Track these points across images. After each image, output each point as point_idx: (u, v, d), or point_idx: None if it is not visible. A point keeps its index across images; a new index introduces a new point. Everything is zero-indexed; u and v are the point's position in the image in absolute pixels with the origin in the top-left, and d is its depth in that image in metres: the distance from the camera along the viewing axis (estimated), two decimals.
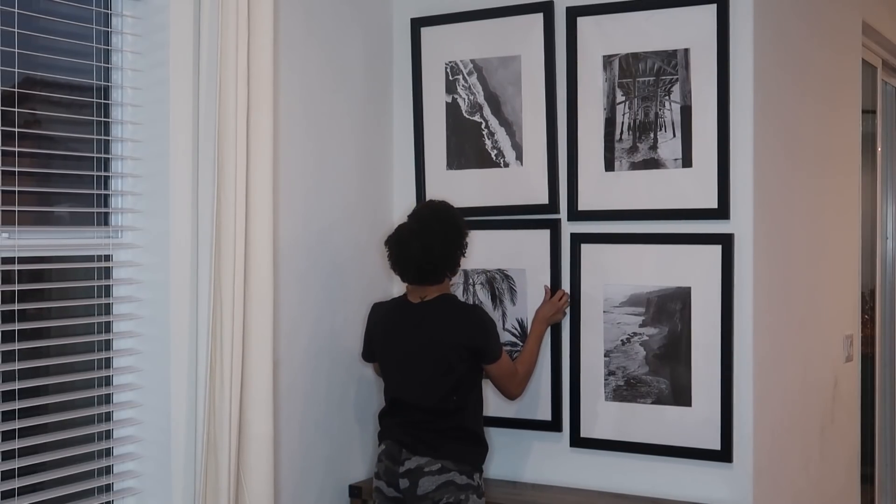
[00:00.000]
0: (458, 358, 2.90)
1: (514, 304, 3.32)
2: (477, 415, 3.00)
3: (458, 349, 2.90)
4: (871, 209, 4.58)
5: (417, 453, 2.87)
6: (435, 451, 2.87)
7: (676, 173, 3.07)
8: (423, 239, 2.88)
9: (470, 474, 2.89)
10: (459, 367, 2.91)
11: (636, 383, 3.13)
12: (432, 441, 2.88)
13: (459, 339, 2.91)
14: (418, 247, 2.87)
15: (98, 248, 2.66)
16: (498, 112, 3.36)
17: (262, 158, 2.69)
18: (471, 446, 2.94)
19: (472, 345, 2.91)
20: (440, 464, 2.85)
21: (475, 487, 2.89)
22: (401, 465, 2.88)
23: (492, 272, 3.36)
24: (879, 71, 4.53)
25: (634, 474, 3.15)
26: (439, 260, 2.90)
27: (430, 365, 2.92)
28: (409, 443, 2.90)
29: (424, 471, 2.85)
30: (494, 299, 3.35)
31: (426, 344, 2.93)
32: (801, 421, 3.49)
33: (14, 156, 2.44)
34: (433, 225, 2.91)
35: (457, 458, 2.87)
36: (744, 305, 3.00)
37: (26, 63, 2.49)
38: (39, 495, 2.48)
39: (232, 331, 2.60)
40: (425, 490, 2.84)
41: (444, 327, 2.93)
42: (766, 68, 3.08)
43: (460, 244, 2.95)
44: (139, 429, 2.72)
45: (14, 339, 2.43)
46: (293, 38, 3.06)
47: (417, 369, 2.94)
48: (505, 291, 3.34)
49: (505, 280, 3.34)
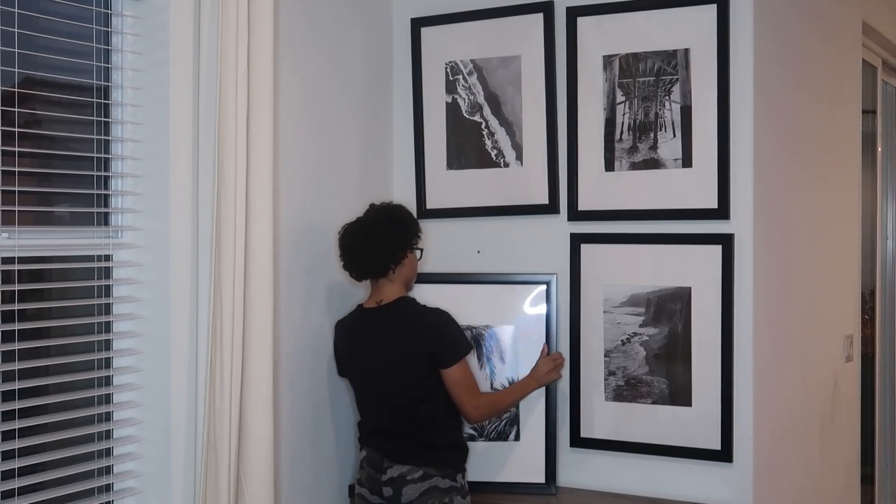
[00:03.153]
0: (421, 368, 2.86)
1: (503, 362, 3.24)
2: (451, 423, 2.94)
3: (418, 358, 2.86)
4: (871, 209, 4.58)
5: (398, 461, 2.86)
6: (416, 458, 2.85)
7: (676, 173, 3.07)
8: (366, 232, 2.89)
9: (452, 476, 2.88)
10: (423, 378, 2.86)
11: (636, 383, 3.13)
12: (412, 449, 2.87)
13: (417, 347, 2.86)
14: (361, 241, 2.89)
15: (98, 248, 2.66)
16: (498, 112, 3.36)
17: (262, 158, 2.69)
18: (450, 452, 2.92)
19: (430, 350, 2.85)
20: (422, 471, 2.84)
21: (458, 488, 2.89)
22: (383, 472, 2.88)
23: (478, 329, 3.25)
24: (879, 71, 4.53)
25: (634, 474, 3.15)
26: (381, 250, 2.88)
27: (394, 382, 2.88)
28: (389, 451, 2.89)
29: (407, 479, 2.84)
30: (480, 358, 3.23)
31: (387, 361, 2.88)
32: (801, 421, 3.49)
33: (14, 156, 2.43)
34: (376, 218, 2.92)
35: (437, 464, 2.86)
36: (744, 305, 3.00)
37: (26, 63, 2.49)
38: (39, 495, 2.48)
39: (232, 331, 2.60)
40: (409, 498, 2.83)
41: (402, 338, 2.88)
42: (766, 68, 3.08)
43: (404, 235, 2.92)
44: (139, 429, 2.72)
45: (14, 339, 2.43)
46: (293, 38, 3.07)
47: (383, 388, 2.91)
48: (493, 349, 3.23)
49: (493, 337, 3.24)
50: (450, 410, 2.93)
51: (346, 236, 2.93)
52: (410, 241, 2.96)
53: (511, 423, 3.22)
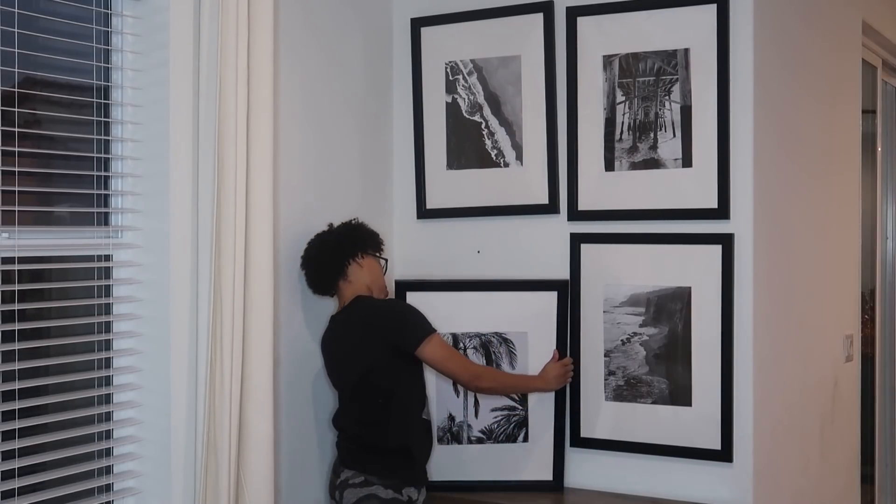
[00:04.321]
0: (379, 360, 2.86)
1: (513, 368, 3.24)
2: (405, 426, 2.90)
3: (374, 350, 2.86)
4: (871, 209, 4.58)
5: (347, 466, 2.89)
6: (361, 465, 2.86)
7: (676, 173, 3.07)
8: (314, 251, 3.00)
9: (398, 488, 2.84)
10: (382, 371, 2.86)
11: (636, 383, 3.13)
12: (359, 455, 2.88)
13: (372, 339, 2.87)
14: (312, 256, 3.00)
15: (98, 248, 2.66)
16: (498, 112, 3.36)
17: (262, 158, 2.69)
18: (398, 460, 2.88)
19: (384, 338, 2.86)
20: (363, 477, 2.84)
21: (403, 502, 2.85)
22: (338, 477, 2.90)
23: (487, 335, 3.26)
24: (879, 71, 4.53)
25: (634, 474, 3.15)
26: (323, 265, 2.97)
27: (350, 375, 2.90)
28: (343, 456, 2.92)
29: (349, 483, 2.85)
30: (490, 364, 3.24)
31: (348, 358, 2.91)
32: (800, 421, 3.49)
33: (14, 156, 2.43)
34: (320, 237, 3.02)
35: (381, 473, 2.84)
36: (744, 305, 3.00)
37: (26, 63, 2.49)
38: (39, 495, 2.48)
39: (232, 331, 2.60)
40: (348, 502, 2.83)
41: (359, 333, 2.89)
42: (766, 68, 3.08)
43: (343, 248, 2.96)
44: (139, 429, 2.72)
45: (14, 339, 2.43)
46: (293, 38, 3.07)
47: (342, 383, 2.95)
48: (503, 355, 3.25)
49: (503, 343, 3.26)
50: (404, 415, 2.90)
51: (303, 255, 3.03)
52: (354, 251, 2.98)
53: (519, 426, 3.23)
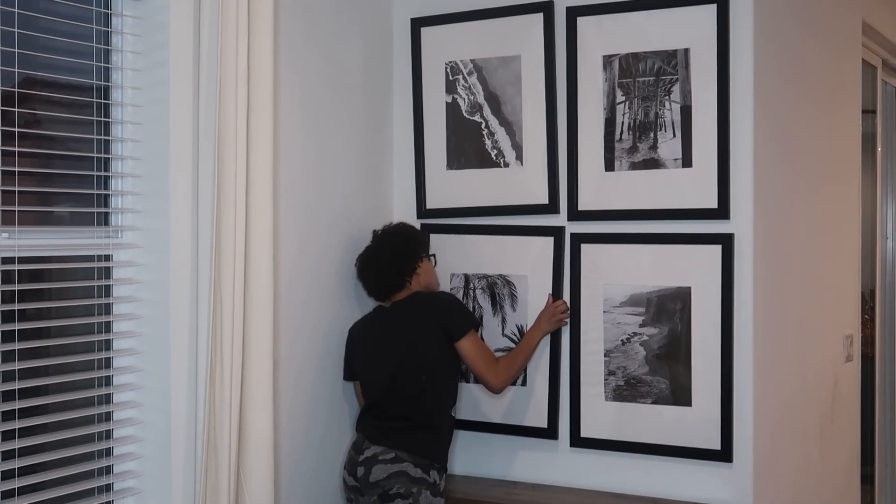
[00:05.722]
0: (429, 340, 3.02)
1: (514, 310, 3.32)
2: (441, 403, 3.06)
3: (427, 331, 3.03)
4: (871, 209, 4.58)
5: (376, 443, 2.97)
6: (392, 441, 2.96)
7: (676, 173, 3.07)
8: (375, 258, 3.14)
9: (426, 469, 2.95)
10: (430, 349, 3.01)
11: (636, 383, 3.13)
12: (391, 431, 2.98)
13: (427, 321, 3.04)
14: (374, 267, 3.13)
15: (98, 248, 2.66)
16: (498, 112, 3.36)
17: (262, 158, 2.70)
18: (429, 436, 3.00)
19: (438, 321, 3.03)
20: (394, 453, 2.94)
21: (430, 484, 2.94)
22: (361, 453, 2.98)
23: (493, 277, 3.36)
24: (879, 71, 4.53)
25: (634, 474, 3.15)
26: (394, 269, 3.11)
27: (403, 352, 3.03)
28: (372, 433, 3.01)
29: (378, 459, 2.94)
30: (495, 305, 3.35)
31: (400, 337, 3.07)
32: (800, 421, 3.49)
33: (14, 156, 2.44)
34: (379, 243, 3.16)
35: (411, 450, 2.95)
36: (744, 305, 3.00)
37: (26, 63, 2.49)
38: (39, 495, 2.48)
39: (232, 331, 2.60)
40: (377, 478, 2.92)
41: (414, 316, 3.07)
42: (765, 68, 3.08)
43: (409, 250, 3.13)
44: (139, 429, 2.72)
45: (14, 339, 2.43)
46: (293, 38, 3.07)
47: (392, 362, 3.04)
48: (506, 297, 3.34)
49: (506, 286, 3.34)
50: (443, 392, 3.05)
51: (361, 266, 3.17)
52: (418, 252, 3.14)
53: None
